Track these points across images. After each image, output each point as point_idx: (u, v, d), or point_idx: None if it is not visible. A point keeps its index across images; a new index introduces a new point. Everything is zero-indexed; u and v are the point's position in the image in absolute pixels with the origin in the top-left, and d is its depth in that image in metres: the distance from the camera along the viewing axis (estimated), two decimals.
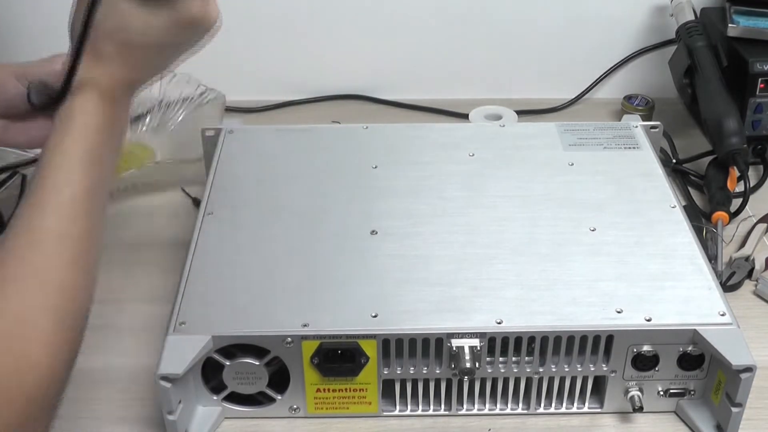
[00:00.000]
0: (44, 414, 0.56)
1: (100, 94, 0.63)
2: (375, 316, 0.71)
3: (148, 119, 1.09)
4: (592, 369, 0.72)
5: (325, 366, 0.71)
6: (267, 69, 1.20)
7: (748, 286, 0.88)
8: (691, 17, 1.10)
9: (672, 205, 0.84)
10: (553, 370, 0.72)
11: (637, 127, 0.96)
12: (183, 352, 0.68)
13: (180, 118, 1.03)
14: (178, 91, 1.06)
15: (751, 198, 0.98)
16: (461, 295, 0.73)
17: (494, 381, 0.73)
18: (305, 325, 0.70)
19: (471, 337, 0.70)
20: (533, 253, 0.77)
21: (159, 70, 0.67)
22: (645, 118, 1.12)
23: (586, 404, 0.74)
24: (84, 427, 0.74)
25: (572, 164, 0.90)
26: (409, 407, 0.74)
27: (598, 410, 0.75)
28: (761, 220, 0.95)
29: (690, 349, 0.70)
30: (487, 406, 0.75)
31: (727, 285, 0.86)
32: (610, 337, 0.70)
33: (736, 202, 0.96)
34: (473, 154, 0.92)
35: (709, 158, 1.03)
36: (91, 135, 0.62)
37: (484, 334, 0.70)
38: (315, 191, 0.86)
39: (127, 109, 0.66)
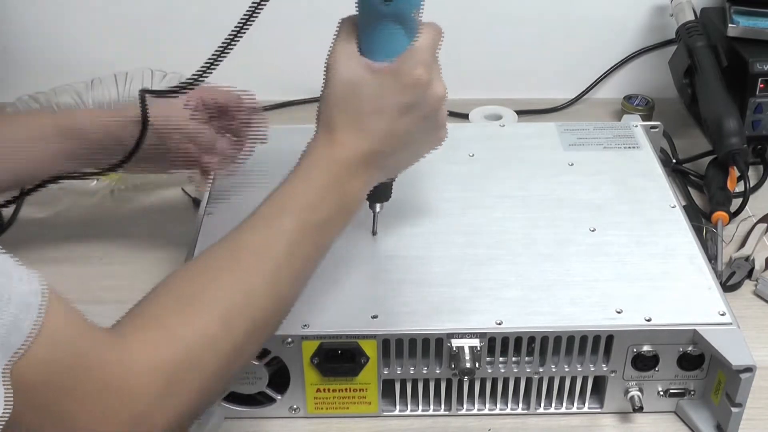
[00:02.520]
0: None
1: (332, 172, 0.63)
2: (375, 317, 0.71)
3: None
4: (592, 369, 0.72)
5: (325, 366, 0.71)
6: (267, 69, 1.19)
7: (748, 286, 0.88)
8: (691, 17, 1.10)
9: (672, 205, 0.84)
10: (553, 370, 0.72)
11: (637, 127, 0.96)
12: None
13: None
14: None
15: (751, 198, 0.98)
16: (461, 295, 0.73)
17: (494, 381, 0.73)
18: (305, 325, 0.70)
19: (471, 338, 0.70)
20: (533, 254, 0.77)
21: (395, 146, 0.66)
22: (645, 118, 1.12)
23: (586, 404, 0.74)
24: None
25: (572, 164, 0.90)
26: (409, 407, 0.74)
27: (598, 410, 0.75)
28: (761, 220, 0.94)
29: (690, 349, 0.70)
30: (487, 406, 0.75)
31: (727, 285, 0.86)
32: (610, 337, 0.70)
33: (736, 202, 0.96)
34: (473, 155, 0.92)
35: (709, 158, 1.03)
36: (312, 192, 0.63)
37: (484, 334, 0.70)
38: None
39: (365, 183, 0.66)
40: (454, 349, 0.70)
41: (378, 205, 0.76)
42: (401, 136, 0.65)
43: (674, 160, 1.06)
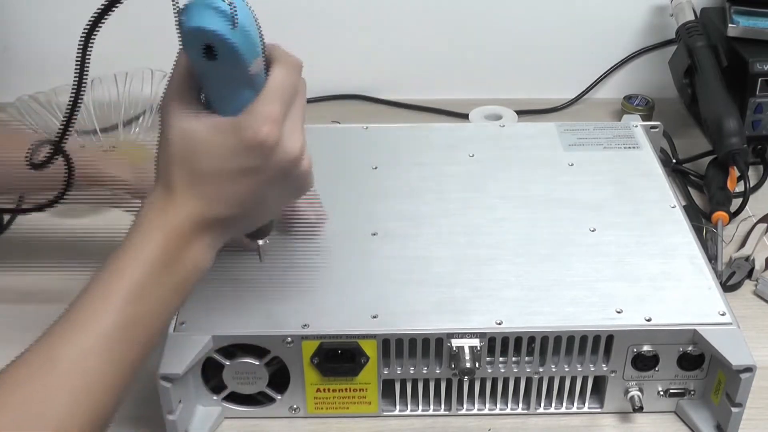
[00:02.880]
0: None
1: (164, 232, 0.57)
2: (375, 317, 0.71)
3: (141, 120, 1.10)
4: (592, 369, 0.72)
5: (325, 366, 0.71)
6: None
7: (748, 286, 0.88)
8: (691, 17, 1.10)
9: (672, 205, 0.84)
10: (553, 370, 0.72)
11: (637, 127, 0.96)
12: (183, 352, 0.68)
13: None
14: None
15: (751, 198, 0.98)
16: (461, 295, 0.73)
17: (494, 381, 0.73)
18: (305, 325, 0.70)
19: (471, 337, 0.70)
20: (533, 254, 0.77)
21: (242, 210, 0.59)
22: (645, 118, 1.12)
23: (586, 404, 0.74)
24: None
25: (572, 164, 0.90)
26: (409, 407, 0.74)
27: (598, 410, 0.75)
28: (761, 220, 0.95)
29: (690, 349, 0.70)
30: (487, 406, 0.75)
31: (727, 285, 0.86)
32: (610, 337, 0.70)
33: (736, 202, 0.96)
34: (473, 155, 0.92)
35: (709, 158, 1.03)
36: (139, 271, 0.56)
37: (484, 334, 0.70)
38: (315, 192, 0.86)
39: (205, 249, 0.59)
40: (454, 349, 0.70)
41: (260, 240, 0.69)
42: (245, 200, 0.59)
43: (674, 160, 1.06)
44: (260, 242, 0.69)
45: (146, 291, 0.56)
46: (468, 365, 0.69)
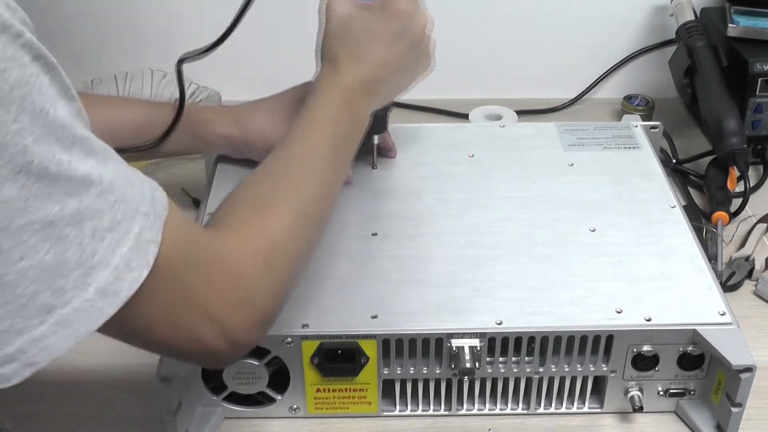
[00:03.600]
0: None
1: (341, 95, 0.72)
2: (375, 317, 0.71)
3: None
4: (592, 369, 0.72)
5: (325, 366, 0.71)
6: (267, 69, 1.19)
7: (748, 286, 0.88)
8: (691, 17, 1.10)
9: (672, 205, 0.84)
10: (553, 370, 0.72)
11: (637, 127, 0.96)
12: None
13: None
14: (171, 91, 1.06)
15: (751, 198, 0.98)
16: (461, 295, 0.73)
17: (494, 381, 0.73)
18: (305, 325, 0.70)
19: (471, 338, 0.70)
20: (533, 254, 0.77)
21: (390, 71, 0.75)
22: (645, 118, 1.12)
23: (586, 404, 0.74)
24: (84, 427, 0.74)
25: (572, 164, 0.90)
26: (409, 407, 0.74)
27: (598, 410, 0.75)
28: (761, 220, 0.94)
29: (690, 349, 0.70)
30: (487, 406, 0.75)
31: (727, 285, 0.86)
32: (610, 337, 0.70)
33: (736, 202, 0.96)
34: (473, 155, 0.92)
35: (709, 158, 1.03)
36: (331, 130, 0.70)
37: (484, 334, 0.70)
38: None
39: (368, 105, 0.74)
40: (454, 349, 0.70)
41: (376, 137, 0.86)
42: (394, 62, 0.75)
43: (674, 160, 1.06)
44: (376, 139, 0.86)
45: (337, 123, 0.71)
46: (468, 365, 0.69)
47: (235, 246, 0.59)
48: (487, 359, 0.71)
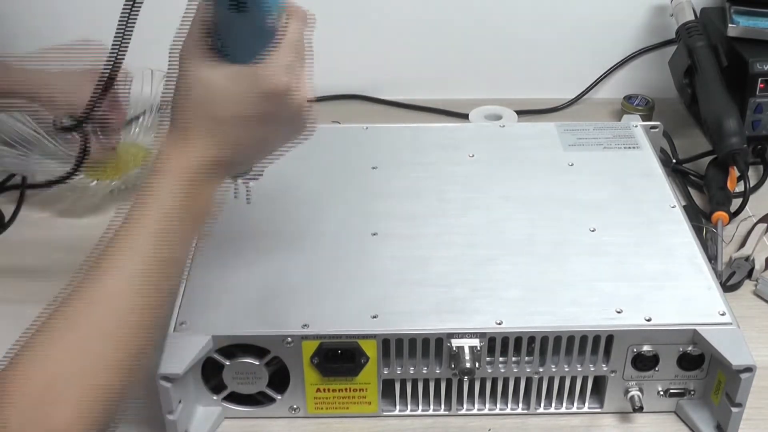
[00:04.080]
0: None
1: (181, 175, 0.60)
2: (375, 317, 0.71)
3: (141, 120, 1.09)
4: (592, 369, 0.72)
5: (325, 366, 0.71)
6: None
7: (748, 286, 0.88)
8: (691, 17, 1.10)
9: (672, 205, 0.84)
10: (553, 370, 0.72)
11: (637, 127, 0.96)
12: (183, 352, 0.68)
13: None
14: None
15: (751, 198, 0.98)
16: (461, 295, 0.73)
17: (494, 381, 0.73)
18: (305, 325, 0.70)
19: (471, 337, 0.70)
20: (533, 254, 0.77)
21: (248, 153, 0.64)
22: (645, 118, 1.12)
23: (586, 404, 0.74)
24: None
25: (572, 164, 0.90)
26: (409, 407, 0.74)
27: (598, 410, 0.75)
28: (761, 220, 0.95)
29: (690, 349, 0.70)
30: (487, 406, 0.75)
31: (727, 285, 0.86)
32: (610, 337, 0.70)
33: (736, 202, 0.96)
34: (473, 155, 0.92)
35: (709, 158, 1.03)
36: (164, 218, 0.60)
37: (484, 334, 0.70)
38: (315, 192, 0.86)
39: (212, 192, 0.63)
40: (454, 349, 0.70)
41: (251, 182, 0.71)
42: (257, 144, 0.63)
43: (674, 160, 1.06)
44: (251, 184, 0.71)
45: (170, 234, 0.60)
46: (468, 365, 0.69)
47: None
48: (487, 359, 0.71)
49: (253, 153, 0.65)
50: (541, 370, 0.72)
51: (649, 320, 0.70)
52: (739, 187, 0.99)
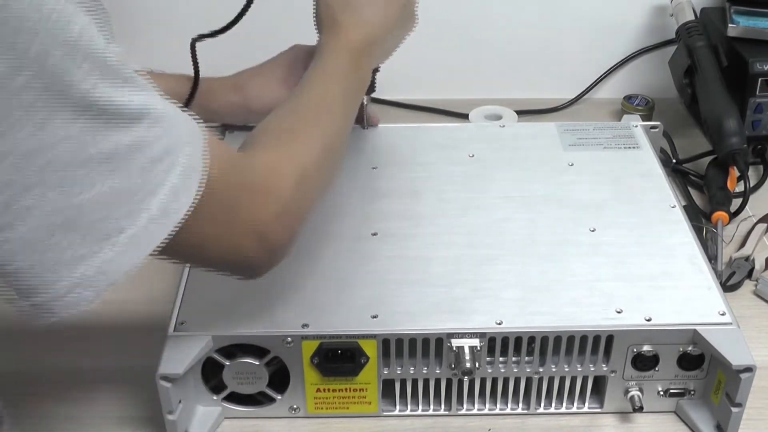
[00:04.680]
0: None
1: (348, 54, 0.77)
2: (375, 317, 0.71)
3: None
4: (592, 369, 0.72)
5: (325, 366, 0.71)
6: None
7: (748, 286, 0.88)
8: (691, 17, 1.10)
9: (672, 205, 0.84)
10: (553, 370, 0.72)
11: (637, 127, 0.96)
12: (183, 352, 0.68)
13: None
14: None
15: (751, 198, 0.98)
16: (461, 295, 0.73)
17: (494, 381, 0.73)
18: (305, 325, 0.70)
19: (471, 337, 0.70)
20: (533, 254, 0.77)
21: (385, 29, 0.80)
22: (645, 118, 1.12)
23: (586, 404, 0.74)
24: (84, 427, 0.74)
25: (572, 164, 0.90)
26: (409, 407, 0.74)
27: (598, 410, 0.75)
28: (761, 220, 0.94)
29: (690, 349, 0.70)
30: (487, 406, 0.75)
31: (727, 285, 0.86)
32: (610, 337, 0.70)
33: (736, 202, 0.96)
34: (473, 155, 0.92)
35: (709, 158, 1.03)
36: (343, 82, 0.76)
37: (484, 334, 0.70)
38: None
39: (369, 64, 0.80)
40: (454, 348, 0.70)
41: (366, 97, 0.92)
42: (389, 22, 0.80)
43: (674, 160, 1.06)
44: (365, 100, 0.93)
45: (348, 76, 0.77)
46: (468, 365, 0.69)
47: (271, 167, 0.64)
48: (487, 359, 0.71)
49: (388, 33, 0.81)
50: (541, 370, 0.72)
51: (649, 320, 0.70)
52: (739, 187, 0.99)
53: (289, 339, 0.69)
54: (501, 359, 0.71)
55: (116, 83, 0.49)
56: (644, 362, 0.71)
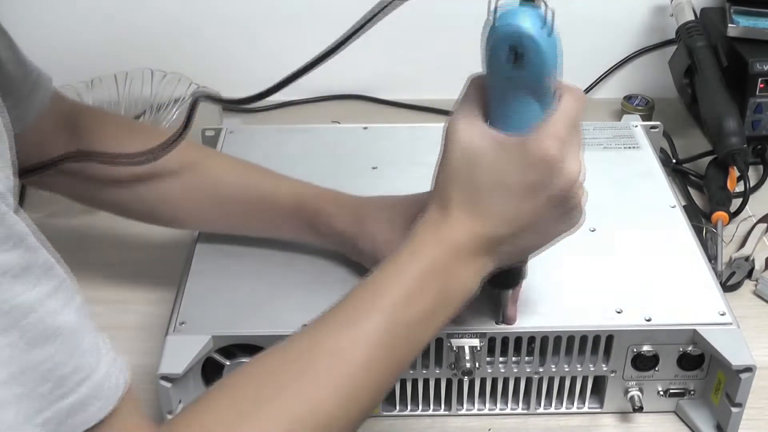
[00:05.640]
0: None
1: (441, 253, 0.56)
2: None
3: (140, 120, 1.09)
4: (592, 369, 0.72)
5: None
6: (267, 69, 1.19)
7: (748, 286, 0.88)
8: (691, 17, 1.10)
9: (672, 205, 0.84)
10: (553, 370, 0.72)
11: (637, 127, 0.96)
12: (183, 352, 0.68)
13: (174, 117, 1.03)
14: (170, 91, 1.06)
15: (751, 198, 0.98)
16: None
17: (494, 381, 0.73)
18: (305, 325, 0.70)
19: (471, 337, 0.70)
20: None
21: (513, 229, 0.58)
22: (645, 118, 1.12)
23: (586, 404, 0.74)
24: None
25: None
26: (409, 407, 0.74)
27: (598, 410, 0.75)
28: (761, 220, 0.94)
29: (690, 349, 0.70)
30: (487, 406, 0.75)
31: (727, 285, 0.86)
32: (610, 337, 0.70)
33: (736, 202, 0.96)
34: None
35: (709, 158, 1.03)
36: (410, 277, 0.56)
37: (484, 334, 0.70)
38: None
39: (477, 269, 0.58)
40: (454, 349, 0.70)
41: (504, 291, 0.68)
42: (523, 220, 0.57)
43: (674, 160, 1.06)
44: (509, 292, 0.68)
45: (413, 299, 0.55)
46: (468, 365, 0.69)
47: None
48: (487, 359, 0.71)
49: (521, 232, 0.58)
50: (541, 370, 0.72)
51: (649, 320, 0.70)
52: (739, 187, 0.99)
53: None
54: (501, 359, 0.71)
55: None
56: (644, 362, 0.71)
